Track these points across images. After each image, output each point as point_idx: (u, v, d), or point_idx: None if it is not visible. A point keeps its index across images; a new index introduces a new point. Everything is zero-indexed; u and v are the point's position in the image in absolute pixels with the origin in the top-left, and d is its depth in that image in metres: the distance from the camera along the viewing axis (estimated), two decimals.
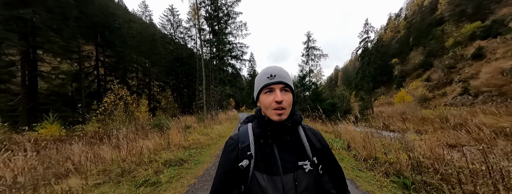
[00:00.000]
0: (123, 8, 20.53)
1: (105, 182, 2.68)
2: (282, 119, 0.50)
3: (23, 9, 9.04)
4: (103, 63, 15.75)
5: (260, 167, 0.52)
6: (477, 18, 23.02)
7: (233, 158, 0.55)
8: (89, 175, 2.85)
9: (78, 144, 4.40)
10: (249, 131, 0.58)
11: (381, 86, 33.17)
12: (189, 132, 5.40)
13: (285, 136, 0.55)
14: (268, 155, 0.53)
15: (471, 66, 16.81)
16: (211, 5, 10.62)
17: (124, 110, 7.59)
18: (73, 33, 12.05)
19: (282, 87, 0.51)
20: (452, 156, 2.36)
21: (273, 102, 0.50)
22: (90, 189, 2.48)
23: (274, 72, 0.52)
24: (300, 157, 0.54)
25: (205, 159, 3.61)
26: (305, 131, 0.58)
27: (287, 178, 0.51)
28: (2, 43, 8.72)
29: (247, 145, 0.55)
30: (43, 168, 2.92)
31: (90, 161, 3.37)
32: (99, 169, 3.14)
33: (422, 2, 38.59)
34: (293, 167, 0.52)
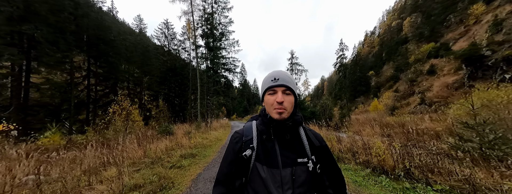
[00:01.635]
0: (119, 21, 21.55)
1: (141, 168, 3.85)
2: (282, 117, 0.56)
3: (26, 25, 9.84)
4: (94, 73, 16.22)
5: (261, 159, 0.57)
6: (432, 39, 28.10)
7: (237, 149, 0.62)
8: (125, 165, 3.99)
9: (96, 148, 5.38)
10: (253, 127, 0.65)
11: (361, 96, 36.97)
12: (190, 137, 6.62)
13: (286, 134, 0.60)
14: (269, 150, 0.58)
15: (427, 80, 20.47)
16: (207, 25, 12.42)
17: (125, 119, 8.51)
18: (69, 46, 12.82)
19: (284, 90, 0.57)
20: (372, 144, 4.03)
21: (274, 102, 0.56)
22: (132, 172, 3.65)
23: (278, 76, 0.58)
24: (300, 155, 0.58)
25: (209, 153, 4.92)
26: (306, 131, 0.63)
27: (286, 172, 0.55)
28: (3, 56, 9.32)
29: (250, 138, 0.61)
30: (88, 163, 4.01)
31: (118, 158, 4.48)
32: (129, 162, 4.28)
33: (391, 22, 45.37)
34: (292, 162, 0.56)
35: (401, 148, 3.52)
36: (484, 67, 13.63)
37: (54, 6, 11.25)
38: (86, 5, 14.65)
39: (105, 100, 17.25)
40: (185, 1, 12.58)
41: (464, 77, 15.20)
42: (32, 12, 10.06)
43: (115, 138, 6.96)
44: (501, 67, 12.43)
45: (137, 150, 5.00)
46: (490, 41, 13.85)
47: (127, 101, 9.05)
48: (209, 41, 12.10)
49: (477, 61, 13.99)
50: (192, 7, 12.55)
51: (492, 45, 13.34)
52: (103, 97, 17.23)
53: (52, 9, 11.12)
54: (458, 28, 23.95)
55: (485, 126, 3.37)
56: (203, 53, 13.27)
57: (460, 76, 15.82)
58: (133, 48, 17.68)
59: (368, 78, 38.12)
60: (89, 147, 5.56)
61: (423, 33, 31.24)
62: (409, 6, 39.67)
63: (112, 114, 8.28)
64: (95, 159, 4.26)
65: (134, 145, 5.47)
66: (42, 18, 10.51)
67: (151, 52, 18.71)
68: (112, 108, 8.33)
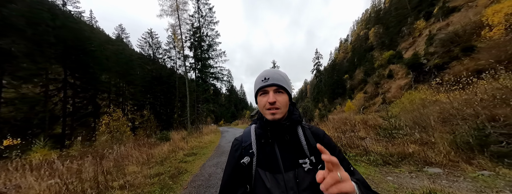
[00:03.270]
0: (99, 31, 21.14)
1: (153, 166, 4.85)
2: (275, 118, 0.54)
3: (2, 39, 9.80)
4: (71, 85, 15.74)
5: (262, 165, 0.56)
6: (391, 48, 33.33)
7: (237, 157, 0.61)
8: (140, 164, 4.94)
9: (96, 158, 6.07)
10: (251, 132, 0.64)
11: (338, 98, 40.97)
12: (187, 141, 7.63)
13: (285, 135, 0.58)
14: (269, 154, 0.57)
15: (387, 83, 24.41)
16: (195, 38, 13.60)
17: (117, 130, 9.04)
18: (47, 58, 12.66)
19: (276, 89, 0.56)
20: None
21: (266, 103, 0.55)
22: (147, 169, 4.65)
23: (268, 76, 0.57)
24: (300, 156, 0.56)
25: (207, 152, 6.07)
26: (304, 130, 0.60)
27: (288, 176, 0.53)
28: None
29: (249, 144, 0.60)
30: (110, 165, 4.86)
31: (130, 160, 5.36)
32: (140, 163, 5.21)
33: (360, 31, 51.91)
34: (293, 165, 0.55)
35: (342, 134, 5.24)
36: (423, 73, 17.35)
37: (31, 19, 11.26)
38: (64, 16, 14.53)
39: (83, 112, 16.70)
40: (172, 15, 13.62)
41: (411, 80, 18.90)
42: (8, 26, 10.04)
43: (110, 148, 7.54)
44: (433, 73, 16.09)
45: (141, 155, 5.91)
46: (426, 52, 17.75)
47: (119, 112, 9.55)
48: (197, 53, 13.25)
49: (418, 67, 17.71)
50: (180, 20, 13.66)
51: (427, 55, 17.16)
52: (81, 109, 16.66)
53: (29, 22, 11.12)
54: (408, 39, 29.17)
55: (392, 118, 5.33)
56: (191, 63, 14.30)
57: (409, 80, 19.57)
58: (115, 58, 17.69)
59: (344, 81, 42.55)
60: (88, 157, 6.20)
61: (384, 42, 36.77)
62: (373, 18, 46.21)
63: (104, 125, 8.76)
64: (109, 162, 5.09)
65: (135, 151, 6.31)
66: (19, 32, 10.48)
67: (135, 62, 18.86)
68: (105, 119, 8.82)
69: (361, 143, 4.01)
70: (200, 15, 13.87)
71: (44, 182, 3.58)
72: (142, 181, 3.44)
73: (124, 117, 9.32)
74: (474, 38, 14.60)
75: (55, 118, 14.86)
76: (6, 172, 4.61)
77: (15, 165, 6.31)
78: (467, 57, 14.18)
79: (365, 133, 8.11)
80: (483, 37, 13.53)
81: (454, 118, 6.92)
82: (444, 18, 20.65)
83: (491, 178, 2.31)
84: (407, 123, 6.32)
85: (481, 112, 7.29)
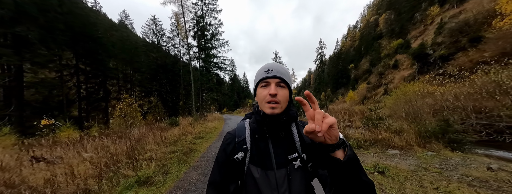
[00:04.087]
0: (104, 17, 21.12)
1: (167, 146, 5.76)
2: (274, 112, 0.53)
3: (18, 27, 10.35)
4: (82, 71, 16.57)
5: (255, 161, 0.56)
6: (401, 36, 31.93)
7: (229, 151, 0.60)
8: (156, 143, 5.87)
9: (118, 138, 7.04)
10: (246, 126, 0.63)
11: (342, 87, 40.99)
12: (194, 126, 8.54)
13: (280, 132, 0.57)
14: (262, 150, 0.57)
15: (391, 74, 24.22)
16: (199, 27, 13.71)
17: (133, 115, 10.04)
18: (59, 45, 13.27)
19: (278, 82, 0.54)
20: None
21: (267, 95, 0.53)
22: (163, 147, 5.57)
23: (271, 68, 0.55)
24: (292, 153, 0.56)
25: (212, 136, 6.96)
26: (298, 127, 0.60)
27: (280, 173, 0.53)
28: (1, 58, 9.90)
29: (243, 139, 0.59)
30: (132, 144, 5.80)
31: (147, 141, 6.30)
32: (156, 143, 6.14)
33: (370, 17, 49.05)
34: (285, 162, 0.55)
35: None
36: (428, 64, 17.20)
37: (42, 6, 11.58)
38: (69, 1, 14.62)
39: (95, 97, 17.86)
40: (176, 3, 13.57)
41: (415, 71, 18.81)
42: (22, 14, 10.47)
43: (126, 130, 8.56)
44: (438, 64, 15.97)
45: (155, 136, 6.84)
46: (433, 41, 17.30)
47: (132, 98, 10.45)
48: (201, 43, 13.52)
49: (424, 58, 17.50)
50: (183, 8, 13.63)
51: (434, 46, 16.78)
52: (93, 93, 17.78)
53: (41, 9, 11.46)
54: (419, 26, 27.79)
55: (378, 110, 5.93)
56: (195, 52, 14.66)
57: (413, 71, 19.44)
58: (121, 44, 18.10)
59: (348, 71, 41.94)
60: (111, 137, 7.20)
61: (394, 29, 35.06)
62: (385, 3, 43.21)
63: (119, 110, 9.73)
64: (131, 141, 6.04)
65: (150, 134, 7.26)
66: (32, 19, 10.93)
67: (140, 49, 19.26)
68: (120, 105, 9.76)
69: (343, 131, 4.69)
70: (203, 3, 13.72)
71: (80, 156, 4.52)
72: (161, 156, 4.32)
73: (136, 103, 10.20)
74: (484, 28, 14.14)
75: (70, 102, 16.10)
76: (45, 147, 5.64)
77: (50, 141, 7.44)
78: (473, 48, 13.97)
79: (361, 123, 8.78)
80: (493, 27, 13.12)
81: (445, 110, 7.47)
82: (459, 5, 19.47)
83: (431, 157, 3.00)
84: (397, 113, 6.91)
85: (468, 104, 7.80)
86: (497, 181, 2.07)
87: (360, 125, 6.81)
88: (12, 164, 3.72)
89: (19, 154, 4.32)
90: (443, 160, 2.83)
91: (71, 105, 16.66)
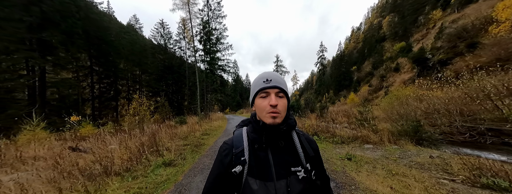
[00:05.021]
0: (116, 21, 22.49)
1: (179, 141, 6.64)
2: (276, 122, 0.53)
3: (44, 32, 11.53)
4: (96, 71, 17.81)
5: (253, 173, 0.54)
6: (404, 39, 32.23)
7: (227, 163, 0.58)
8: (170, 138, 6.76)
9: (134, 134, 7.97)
10: (243, 136, 0.61)
11: (344, 90, 41.35)
12: (200, 125, 9.43)
13: (280, 141, 0.57)
14: (262, 161, 0.55)
15: (393, 77, 24.64)
16: (204, 32, 14.70)
17: (144, 113, 11.03)
18: (77, 48, 14.48)
19: (277, 92, 0.55)
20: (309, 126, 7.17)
21: (268, 106, 0.53)
22: (176, 141, 6.44)
23: (270, 77, 0.56)
24: (294, 163, 0.56)
25: (217, 134, 7.83)
26: (299, 137, 0.60)
27: (280, 184, 0.53)
28: (29, 60, 11.08)
29: (241, 150, 0.57)
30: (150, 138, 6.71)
31: (161, 136, 7.20)
32: (169, 138, 7.03)
33: (373, 20, 49.28)
34: (286, 173, 0.54)
35: (322, 124, 6.70)
36: (428, 68, 17.67)
37: (64, 13, 12.78)
38: (86, 7, 15.87)
39: (107, 96, 19.07)
40: (183, 9, 14.60)
41: (415, 75, 19.26)
42: (48, 20, 11.65)
43: (140, 127, 9.52)
44: (437, 68, 16.44)
45: (167, 133, 7.74)
46: (433, 46, 17.76)
47: (144, 98, 11.45)
48: (207, 47, 14.50)
49: (423, 62, 17.97)
50: (190, 14, 14.65)
51: (433, 50, 17.26)
52: (105, 93, 19.00)
53: (63, 15, 12.66)
54: (422, 30, 28.09)
55: (365, 111, 6.68)
56: (201, 55, 15.65)
57: (413, 74, 19.88)
58: (130, 47, 19.29)
59: (351, 73, 42.29)
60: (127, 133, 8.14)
61: (398, 32, 35.33)
62: (389, 5, 43.45)
63: (133, 109, 10.72)
64: (147, 136, 6.95)
65: (162, 130, 8.17)
66: (56, 25, 12.12)
67: (148, 51, 20.43)
68: (133, 104, 10.77)
69: (330, 129, 5.47)
70: (209, 9, 14.70)
71: (105, 147, 5.44)
72: (176, 148, 5.19)
73: (147, 103, 11.18)
74: (481, 34, 14.59)
75: (84, 100, 17.35)
76: (69, 140, 6.61)
77: (72, 135, 8.44)
78: (470, 54, 14.45)
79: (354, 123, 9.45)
80: (489, 34, 13.60)
81: (435, 113, 8.13)
82: (460, 10, 19.84)
83: (395, 149, 3.76)
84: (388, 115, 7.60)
85: (453, 108, 8.50)
86: (430, 164, 2.83)
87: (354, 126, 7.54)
88: (57, 151, 4.66)
89: (52, 145, 5.28)
90: (403, 152, 3.59)
91: (84, 103, 17.93)
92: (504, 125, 6.59)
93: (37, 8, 11.06)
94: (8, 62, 10.44)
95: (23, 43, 10.75)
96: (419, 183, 2.18)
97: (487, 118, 7.01)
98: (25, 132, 6.34)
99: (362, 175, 2.53)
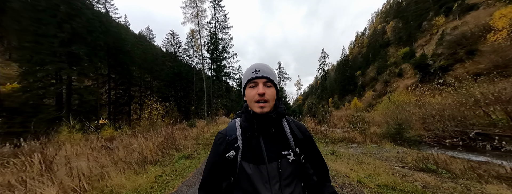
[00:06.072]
0: (132, 33, 24.71)
1: (191, 140, 7.61)
2: (264, 111, 0.58)
3: (73, 46, 13.20)
4: (112, 79, 19.55)
5: (247, 157, 0.59)
6: (408, 44, 32.59)
7: (221, 151, 0.63)
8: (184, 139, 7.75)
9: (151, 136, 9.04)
10: (236, 125, 0.66)
11: (349, 94, 41.52)
12: (208, 128, 10.41)
13: (270, 128, 0.62)
14: (254, 146, 0.60)
15: (396, 82, 24.92)
16: (212, 42, 16.12)
17: (157, 118, 12.21)
18: (99, 58, 16.21)
19: (265, 81, 0.59)
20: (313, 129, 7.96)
21: (256, 95, 0.57)
22: (189, 141, 7.41)
23: (258, 68, 0.60)
24: (284, 147, 0.61)
25: None
26: (289, 124, 0.66)
27: (272, 167, 0.58)
28: (61, 70, 12.70)
29: (235, 137, 0.62)
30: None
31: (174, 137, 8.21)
32: (182, 138, 8.03)
33: (377, 25, 49.88)
34: (277, 156, 0.59)
35: (317, 127, 7.49)
36: (429, 73, 18.06)
37: (89, 28, 14.58)
38: (107, 21, 17.83)
39: (122, 102, 20.68)
40: (193, 22, 16.15)
41: (417, 80, 19.61)
42: (76, 35, 13.38)
43: (154, 130, 10.62)
44: (438, 74, 16.84)
45: (179, 134, 8.76)
46: (434, 52, 18.22)
47: (157, 104, 12.70)
48: (214, 56, 15.84)
49: (425, 68, 18.39)
50: (199, 26, 16.15)
51: (434, 56, 17.72)
52: (120, 99, 20.63)
53: (89, 30, 14.45)
54: (426, 35, 28.46)
55: (358, 116, 7.45)
56: (208, 63, 16.99)
57: (416, 80, 20.22)
58: (143, 56, 21.05)
59: (355, 78, 42.54)
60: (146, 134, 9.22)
61: (402, 37, 35.71)
62: (393, 11, 44.11)
63: (148, 113, 11.95)
64: (164, 137, 7.98)
65: (174, 132, 9.21)
66: (83, 39, 13.85)
67: (159, 60, 22.13)
68: (148, 109, 12.01)
69: (323, 132, 6.27)
70: (216, 21, 16.18)
71: (130, 146, 6.47)
72: (191, 146, 6.15)
73: (161, 108, 12.40)
74: (480, 41, 15.06)
75: (101, 106, 18.95)
76: (99, 140, 7.73)
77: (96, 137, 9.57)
78: (470, 60, 14.90)
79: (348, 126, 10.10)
80: (488, 41, 14.08)
81: (429, 118, 8.74)
82: (461, 17, 20.31)
83: (374, 147, 4.53)
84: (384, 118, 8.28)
85: (446, 114, 9.12)
86: (394, 157, 3.61)
87: (347, 129, 8.26)
88: (92, 148, 5.73)
89: (83, 144, 6.39)
90: (379, 149, 4.36)
91: (101, 108, 19.53)
92: (493, 130, 7.14)
93: (69, 25, 12.81)
94: (43, 72, 12.07)
95: (56, 55, 12.41)
96: (375, 168, 2.99)
97: (478, 123, 7.55)
98: (63, 133, 7.54)
99: (337, 163, 3.36)
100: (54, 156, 3.37)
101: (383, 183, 2.31)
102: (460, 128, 7.95)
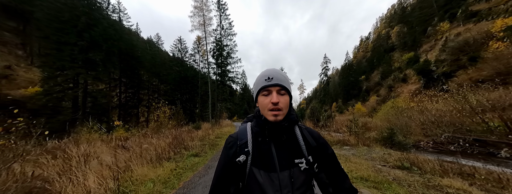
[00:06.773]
0: (143, 39, 26.27)
1: (198, 141, 8.22)
2: (277, 120, 0.57)
3: (91, 53, 14.34)
4: (123, 83, 20.75)
5: (257, 163, 0.58)
6: (413, 49, 32.58)
7: (232, 155, 0.62)
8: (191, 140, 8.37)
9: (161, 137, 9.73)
10: (247, 130, 0.65)
11: (353, 99, 41.38)
12: (213, 130, 11.03)
13: (282, 135, 0.61)
14: (265, 153, 0.59)
15: (400, 87, 24.94)
16: (218, 48, 17.05)
17: (165, 120, 12.97)
18: (112, 64, 17.40)
19: (279, 89, 0.58)
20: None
21: (269, 104, 0.56)
22: (196, 141, 8.02)
23: (271, 75, 0.59)
24: (296, 155, 0.59)
25: None
26: (302, 131, 0.64)
27: (283, 175, 0.56)
28: (79, 75, 13.80)
29: (245, 142, 0.62)
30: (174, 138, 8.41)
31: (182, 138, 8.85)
32: (189, 139, 8.65)
33: (381, 30, 50.07)
34: (289, 164, 0.57)
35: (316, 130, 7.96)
36: (433, 79, 18.17)
37: (105, 36, 15.82)
38: (121, 29, 19.21)
39: (131, 104, 21.77)
40: (200, 29, 17.17)
41: (421, 86, 19.69)
42: (94, 43, 14.57)
43: (162, 132, 11.34)
44: (441, 80, 16.95)
45: (186, 136, 9.41)
46: (437, 58, 18.38)
47: (166, 107, 13.50)
48: (219, 61, 16.71)
49: (428, 74, 18.53)
50: (206, 33, 17.14)
51: (437, 62, 17.88)
52: (129, 102, 21.75)
53: (105, 38, 15.68)
54: (431, 41, 28.50)
55: (355, 120, 7.89)
56: (213, 68, 17.86)
57: (420, 85, 20.29)
58: (152, 60, 22.26)
59: (359, 82, 42.48)
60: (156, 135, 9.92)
61: (406, 42, 35.75)
62: (398, 16, 44.36)
63: (157, 116, 12.74)
64: (172, 138, 8.63)
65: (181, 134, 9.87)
66: (99, 46, 15.05)
67: (167, 64, 23.28)
68: (156, 112, 12.82)
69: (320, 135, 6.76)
70: (221, 29, 17.16)
71: (141, 146, 7.13)
72: (198, 146, 6.75)
73: (168, 111, 13.19)
74: (483, 48, 15.21)
75: (112, 108, 20.04)
76: (113, 140, 8.46)
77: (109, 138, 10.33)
78: (472, 67, 15.05)
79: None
80: (490, 48, 14.25)
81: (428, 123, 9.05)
82: (465, 23, 20.46)
83: (365, 150, 4.99)
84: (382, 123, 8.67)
85: (445, 120, 9.44)
86: (379, 158, 4.07)
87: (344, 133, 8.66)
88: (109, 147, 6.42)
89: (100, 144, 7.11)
90: (369, 151, 4.81)
91: (112, 110, 20.61)
92: (490, 137, 7.41)
93: (88, 34, 14.02)
94: (63, 77, 13.19)
95: (75, 62, 13.54)
96: (358, 165, 3.48)
97: (476, 130, 7.82)
98: (83, 133, 8.34)
99: None
100: (89, 151, 4.03)
101: (359, 176, 2.82)
102: (458, 134, 8.21)
